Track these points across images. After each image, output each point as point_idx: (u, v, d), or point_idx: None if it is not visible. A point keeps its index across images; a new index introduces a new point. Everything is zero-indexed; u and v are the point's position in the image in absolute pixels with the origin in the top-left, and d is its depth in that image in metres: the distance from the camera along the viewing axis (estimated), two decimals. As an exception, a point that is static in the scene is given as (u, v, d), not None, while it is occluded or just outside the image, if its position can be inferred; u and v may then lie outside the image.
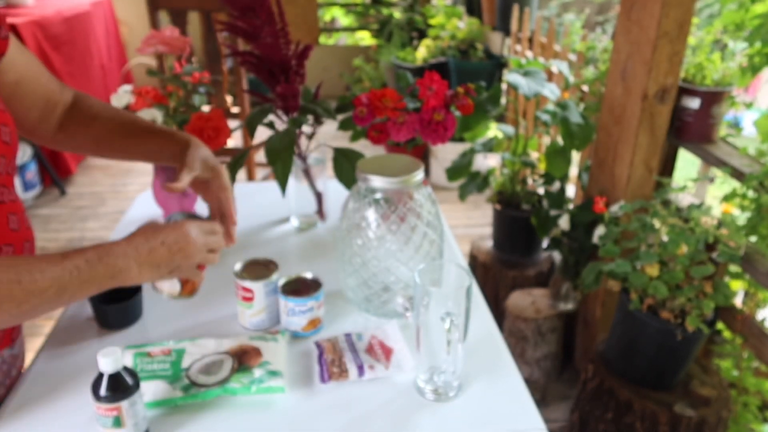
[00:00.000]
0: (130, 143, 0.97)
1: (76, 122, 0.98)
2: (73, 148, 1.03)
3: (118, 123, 0.97)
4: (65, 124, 0.98)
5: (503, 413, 0.80)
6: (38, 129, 0.97)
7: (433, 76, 1.13)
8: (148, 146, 0.95)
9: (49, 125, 0.97)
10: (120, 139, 0.97)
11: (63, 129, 0.98)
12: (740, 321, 1.44)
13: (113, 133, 0.97)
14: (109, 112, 0.99)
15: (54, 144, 1.00)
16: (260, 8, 1.06)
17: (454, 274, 0.82)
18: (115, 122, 0.97)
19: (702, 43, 1.66)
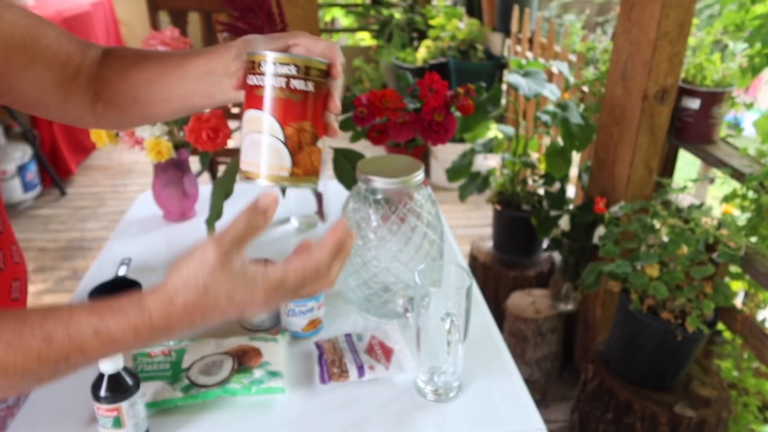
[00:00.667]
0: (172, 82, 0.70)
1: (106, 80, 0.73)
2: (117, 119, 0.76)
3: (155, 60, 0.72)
4: (99, 90, 0.74)
5: (503, 414, 0.80)
6: (68, 108, 0.74)
7: (433, 76, 1.13)
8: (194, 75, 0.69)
9: (80, 98, 0.73)
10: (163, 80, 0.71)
11: (99, 96, 0.74)
12: (740, 321, 1.44)
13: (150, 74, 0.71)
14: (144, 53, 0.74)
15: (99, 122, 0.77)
16: (260, 9, 1.06)
17: (454, 274, 0.82)
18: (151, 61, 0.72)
19: (702, 43, 1.66)
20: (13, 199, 3.18)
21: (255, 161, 0.57)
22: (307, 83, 0.56)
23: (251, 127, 0.57)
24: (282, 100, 0.55)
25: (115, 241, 1.25)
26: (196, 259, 0.53)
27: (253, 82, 0.56)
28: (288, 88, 0.55)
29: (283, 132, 0.56)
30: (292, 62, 0.55)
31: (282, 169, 0.57)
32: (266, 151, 0.56)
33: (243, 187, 1.45)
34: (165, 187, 1.29)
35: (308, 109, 0.57)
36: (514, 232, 2.24)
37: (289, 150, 0.56)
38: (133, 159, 3.86)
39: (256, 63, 0.56)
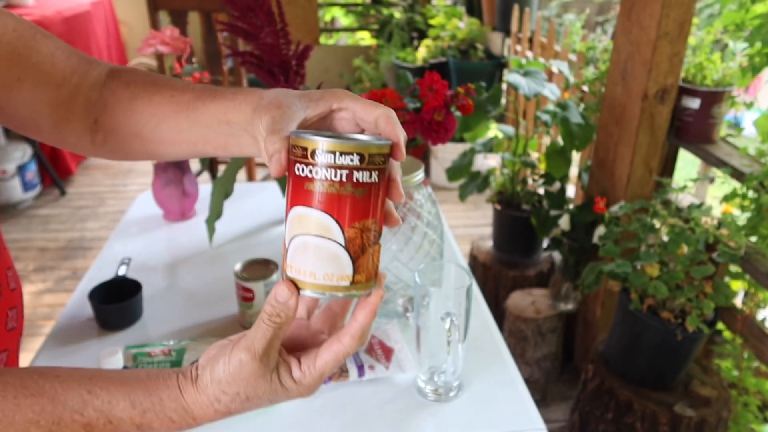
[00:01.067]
0: (181, 123, 0.60)
1: (109, 109, 0.64)
2: (119, 151, 0.67)
3: (165, 94, 0.61)
4: (99, 118, 0.64)
5: (503, 413, 0.80)
6: (63, 134, 0.65)
7: (433, 76, 1.13)
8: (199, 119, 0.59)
9: (76, 125, 0.65)
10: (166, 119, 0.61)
11: (99, 124, 0.65)
12: (740, 321, 1.44)
13: (156, 110, 0.62)
14: (151, 82, 0.63)
15: (99, 152, 0.67)
16: (260, 8, 1.06)
17: (454, 274, 0.82)
18: (160, 94, 0.61)
19: (702, 43, 1.66)
20: (13, 198, 3.18)
21: (308, 269, 0.47)
22: (371, 174, 0.46)
23: (302, 229, 0.47)
24: (342, 197, 0.46)
25: (115, 240, 1.25)
26: (234, 368, 0.49)
27: (304, 173, 0.46)
28: (350, 181, 0.45)
29: (344, 235, 0.46)
30: (355, 151, 0.45)
31: (342, 278, 0.47)
32: (323, 258, 0.47)
33: (243, 186, 1.45)
34: (165, 186, 1.29)
35: (372, 203, 0.47)
36: (514, 232, 2.24)
37: (351, 255, 0.47)
38: (133, 159, 3.85)
39: (308, 151, 0.45)
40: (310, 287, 0.47)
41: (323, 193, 0.45)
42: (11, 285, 0.68)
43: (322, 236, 0.46)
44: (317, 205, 0.46)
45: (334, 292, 0.47)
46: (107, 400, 0.49)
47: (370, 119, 0.51)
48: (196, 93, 0.60)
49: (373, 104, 0.52)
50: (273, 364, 0.50)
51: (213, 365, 0.50)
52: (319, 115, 0.52)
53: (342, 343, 0.50)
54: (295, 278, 0.48)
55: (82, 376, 0.50)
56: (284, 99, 0.52)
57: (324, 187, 0.45)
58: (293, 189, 0.47)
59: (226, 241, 1.22)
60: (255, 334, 0.49)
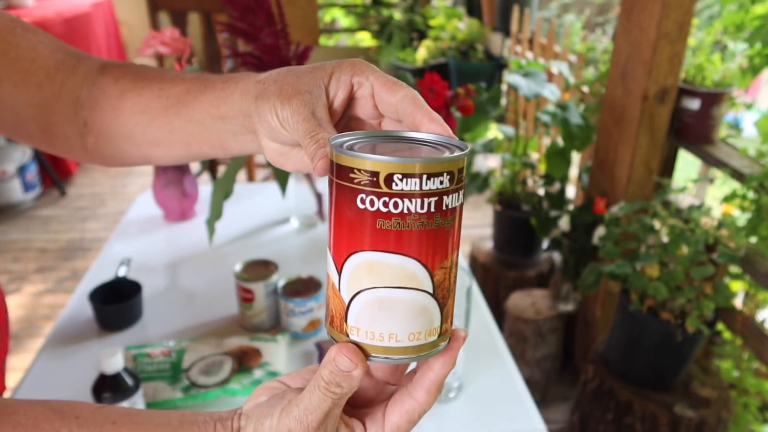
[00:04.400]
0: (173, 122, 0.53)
1: (98, 108, 0.56)
2: (117, 160, 0.60)
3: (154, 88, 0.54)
4: (88, 120, 0.57)
5: (503, 414, 0.80)
6: (53, 138, 0.59)
7: (433, 77, 1.13)
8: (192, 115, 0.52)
9: (64, 127, 0.58)
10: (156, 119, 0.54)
11: (89, 127, 0.57)
12: (740, 322, 1.44)
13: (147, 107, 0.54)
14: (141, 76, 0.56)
15: (93, 159, 0.60)
16: (260, 9, 1.06)
17: (454, 274, 0.82)
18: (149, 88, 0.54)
19: (702, 44, 1.66)
20: (13, 199, 3.18)
21: (386, 331, 0.36)
22: (459, 196, 0.35)
23: (374, 281, 0.35)
24: (431, 234, 0.34)
25: (115, 241, 1.25)
26: None
27: (374, 206, 0.33)
28: (439, 211, 0.34)
29: (432, 281, 0.35)
30: (446, 170, 0.33)
31: (430, 333, 0.36)
32: (407, 314, 0.36)
33: (243, 187, 1.45)
34: (165, 187, 1.29)
35: (457, 232, 0.36)
36: (514, 233, 2.24)
37: (440, 303, 0.36)
38: (133, 159, 3.85)
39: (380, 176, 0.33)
40: (385, 352, 0.36)
41: (405, 232, 0.33)
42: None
43: (405, 287, 0.35)
44: (396, 249, 0.34)
45: (420, 353, 0.37)
46: None
47: (392, 101, 0.42)
48: (186, 85, 0.53)
49: (395, 82, 0.42)
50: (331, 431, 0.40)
51: (258, 424, 0.40)
52: (345, 98, 0.43)
53: (416, 399, 0.40)
54: (363, 343, 0.36)
55: (105, 419, 0.41)
56: (297, 82, 0.43)
57: (409, 223, 0.33)
58: (354, 227, 0.34)
59: (226, 242, 1.22)
60: (310, 401, 0.39)
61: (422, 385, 0.39)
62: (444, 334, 0.37)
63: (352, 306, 0.36)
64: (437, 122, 0.39)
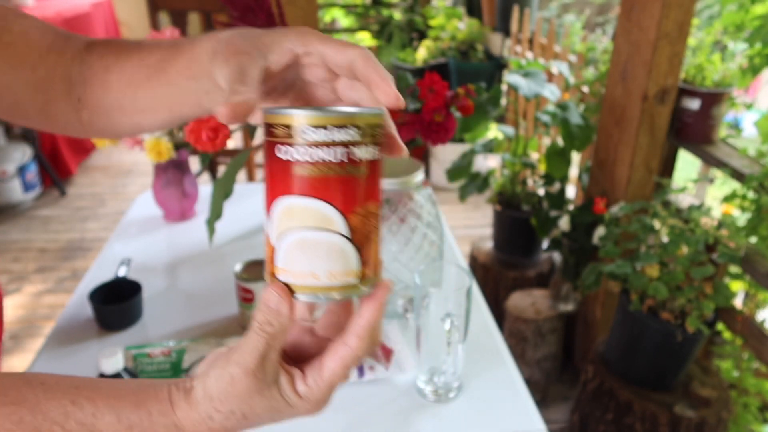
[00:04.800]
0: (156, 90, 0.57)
1: (89, 84, 0.61)
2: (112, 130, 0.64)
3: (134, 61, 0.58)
4: (82, 96, 0.61)
5: (503, 414, 0.80)
6: (51, 115, 0.62)
7: (433, 77, 1.13)
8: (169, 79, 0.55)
9: (60, 105, 0.62)
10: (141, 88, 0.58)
11: (83, 102, 0.61)
12: (740, 322, 1.44)
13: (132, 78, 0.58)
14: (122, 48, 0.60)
15: (90, 132, 0.65)
16: (260, 9, 1.06)
17: (454, 275, 0.82)
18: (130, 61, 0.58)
19: (702, 44, 1.66)
20: (13, 199, 3.18)
21: (306, 270, 0.40)
22: (371, 149, 0.39)
23: (294, 223, 0.39)
24: (341, 180, 0.38)
25: (115, 241, 1.25)
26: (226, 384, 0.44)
27: (288, 156, 0.38)
28: (349, 160, 0.38)
29: (347, 224, 0.39)
30: (350, 123, 0.37)
31: (348, 274, 0.40)
32: (324, 254, 0.39)
33: (243, 187, 1.45)
34: (165, 187, 1.29)
35: (374, 183, 0.40)
36: (514, 233, 2.24)
37: (356, 247, 0.40)
38: (133, 159, 3.86)
39: (293, 128, 0.38)
40: (309, 290, 0.40)
41: (318, 178, 0.38)
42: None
43: (321, 228, 0.39)
44: (312, 193, 0.38)
45: (340, 292, 0.41)
46: (91, 412, 0.45)
47: (343, 62, 0.44)
48: (162, 52, 0.56)
49: (345, 44, 0.44)
50: (271, 377, 0.45)
51: (206, 378, 0.45)
52: (284, 65, 0.46)
53: (348, 345, 0.44)
54: (290, 282, 0.40)
55: (69, 385, 0.45)
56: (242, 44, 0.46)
57: (318, 169, 0.38)
58: (277, 176, 0.39)
59: (227, 242, 1.22)
60: (246, 344, 0.44)
61: (354, 332, 0.44)
62: (365, 278, 0.41)
63: (279, 249, 0.40)
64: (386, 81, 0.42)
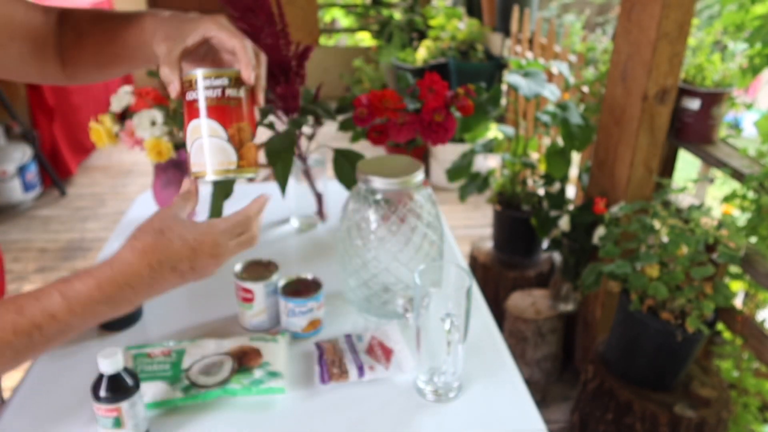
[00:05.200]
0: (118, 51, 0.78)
1: (72, 48, 0.80)
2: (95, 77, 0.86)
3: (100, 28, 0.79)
4: (65, 58, 0.81)
5: (503, 414, 0.80)
6: (44, 75, 0.82)
7: (433, 77, 1.13)
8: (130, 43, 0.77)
9: (52, 65, 0.81)
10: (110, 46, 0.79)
11: (66, 62, 0.81)
12: (740, 322, 1.44)
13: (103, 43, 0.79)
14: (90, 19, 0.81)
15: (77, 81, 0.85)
16: (260, 9, 1.06)
17: (454, 275, 0.82)
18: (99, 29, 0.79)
19: (702, 44, 1.66)
20: (13, 199, 3.18)
21: (206, 161, 0.65)
22: (239, 90, 0.66)
23: (197, 134, 0.65)
24: (221, 107, 0.65)
25: (116, 241, 1.24)
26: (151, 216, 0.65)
27: (192, 97, 0.65)
28: (224, 96, 0.65)
29: (227, 133, 0.65)
30: (224, 75, 0.65)
31: (230, 163, 0.66)
32: (215, 151, 0.65)
33: (243, 187, 1.46)
34: (165, 187, 1.29)
35: (243, 110, 0.67)
36: (514, 233, 2.24)
37: (234, 147, 0.65)
38: (133, 159, 3.86)
39: (193, 81, 0.65)
40: (209, 174, 0.66)
41: (208, 107, 0.64)
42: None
43: (212, 136, 0.65)
44: (206, 115, 0.64)
45: (227, 174, 0.66)
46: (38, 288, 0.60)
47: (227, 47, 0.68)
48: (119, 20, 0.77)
49: (232, 34, 0.67)
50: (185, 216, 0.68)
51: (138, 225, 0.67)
52: (197, 43, 0.67)
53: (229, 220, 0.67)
54: (197, 171, 0.67)
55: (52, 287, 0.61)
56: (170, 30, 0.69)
57: (208, 102, 0.64)
58: (188, 110, 0.65)
59: (226, 242, 1.22)
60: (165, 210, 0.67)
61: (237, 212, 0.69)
62: (241, 167, 0.66)
63: (191, 152, 0.66)
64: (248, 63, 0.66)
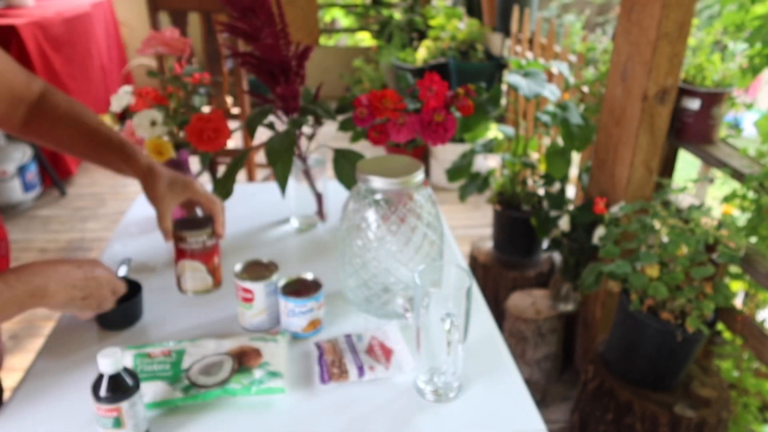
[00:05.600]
0: (91, 154, 0.99)
1: (40, 121, 0.96)
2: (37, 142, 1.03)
3: (80, 130, 0.97)
4: (30, 121, 0.96)
5: (503, 414, 0.80)
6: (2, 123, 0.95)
7: (433, 77, 1.13)
8: (108, 161, 0.99)
9: (13, 120, 0.95)
10: (81, 147, 0.99)
11: (27, 125, 0.96)
12: (740, 322, 1.44)
13: (75, 139, 0.98)
14: (73, 115, 0.97)
15: (20, 135, 1.00)
16: (260, 9, 1.06)
17: (454, 275, 0.82)
18: (77, 128, 0.97)
19: (702, 44, 1.66)
20: (13, 199, 3.18)
21: (190, 287, 0.98)
22: (213, 239, 0.96)
23: (188, 268, 0.96)
24: (202, 253, 0.95)
25: (116, 241, 1.25)
26: None
27: (183, 246, 0.95)
28: (204, 246, 0.95)
29: (207, 268, 0.97)
30: (204, 233, 0.95)
31: (207, 285, 0.98)
32: (199, 279, 0.97)
33: (243, 187, 1.46)
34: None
35: (215, 251, 0.98)
36: (514, 233, 2.24)
37: (211, 275, 0.98)
38: (133, 159, 3.85)
39: (183, 236, 0.94)
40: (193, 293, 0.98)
41: (194, 253, 0.95)
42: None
43: (196, 270, 0.96)
44: (193, 257, 0.95)
45: (205, 292, 0.99)
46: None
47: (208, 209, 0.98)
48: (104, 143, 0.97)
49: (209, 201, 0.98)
50: None
51: None
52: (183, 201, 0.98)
53: None
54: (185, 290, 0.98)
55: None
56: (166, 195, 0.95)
57: (194, 250, 0.95)
58: (178, 253, 0.95)
59: (226, 242, 1.22)
60: None
61: None
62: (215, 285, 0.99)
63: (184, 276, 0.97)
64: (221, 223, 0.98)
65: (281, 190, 1.12)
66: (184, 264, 0.95)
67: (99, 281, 0.85)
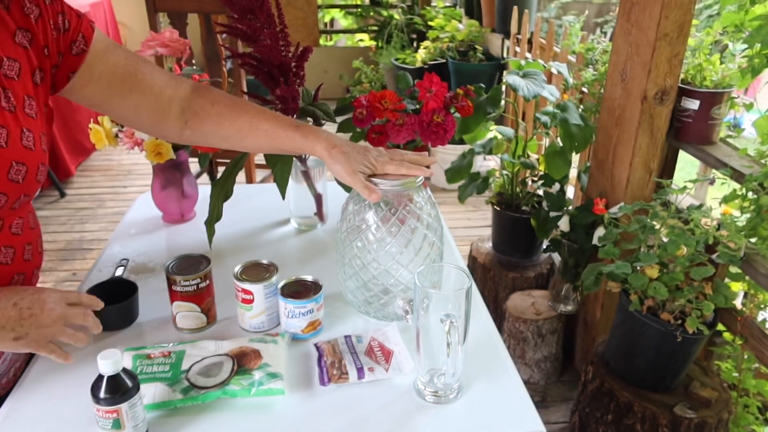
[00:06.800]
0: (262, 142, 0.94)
1: (199, 120, 0.95)
2: (203, 143, 1.00)
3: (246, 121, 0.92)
4: (189, 121, 0.95)
5: (503, 415, 0.80)
6: (159, 128, 0.96)
7: (432, 77, 1.13)
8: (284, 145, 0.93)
9: (171, 123, 0.95)
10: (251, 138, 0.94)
11: (189, 125, 0.95)
12: (740, 322, 1.44)
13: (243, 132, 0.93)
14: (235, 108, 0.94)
15: (185, 141, 0.99)
16: (260, 10, 1.06)
17: (453, 276, 0.82)
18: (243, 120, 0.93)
19: (701, 44, 1.66)
20: (13, 200, 3.17)
21: (188, 325, 0.97)
22: (206, 282, 0.96)
23: (182, 309, 0.95)
24: (196, 294, 0.95)
25: (115, 242, 1.24)
26: None
27: (177, 289, 0.94)
28: (197, 287, 0.94)
29: (200, 308, 0.96)
30: (196, 277, 0.94)
31: (201, 323, 0.97)
32: (193, 318, 0.96)
33: (242, 188, 1.46)
34: (164, 188, 1.29)
35: (209, 293, 0.97)
36: (514, 234, 2.23)
37: (205, 314, 0.97)
38: (133, 160, 3.85)
39: (176, 281, 0.93)
40: (188, 331, 0.97)
41: (188, 295, 0.94)
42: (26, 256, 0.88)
43: (190, 311, 0.96)
44: (186, 299, 0.95)
45: (200, 330, 0.97)
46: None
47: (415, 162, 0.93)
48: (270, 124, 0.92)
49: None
50: None
51: None
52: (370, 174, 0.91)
53: None
54: (181, 328, 0.97)
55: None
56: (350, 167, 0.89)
57: (188, 293, 0.94)
58: (172, 294, 0.95)
59: (226, 243, 1.22)
60: None
61: None
62: (208, 323, 0.98)
63: (178, 316, 0.97)
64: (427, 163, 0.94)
65: (281, 191, 1.12)
66: (179, 305, 0.95)
67: (38, 321, 0.75)
